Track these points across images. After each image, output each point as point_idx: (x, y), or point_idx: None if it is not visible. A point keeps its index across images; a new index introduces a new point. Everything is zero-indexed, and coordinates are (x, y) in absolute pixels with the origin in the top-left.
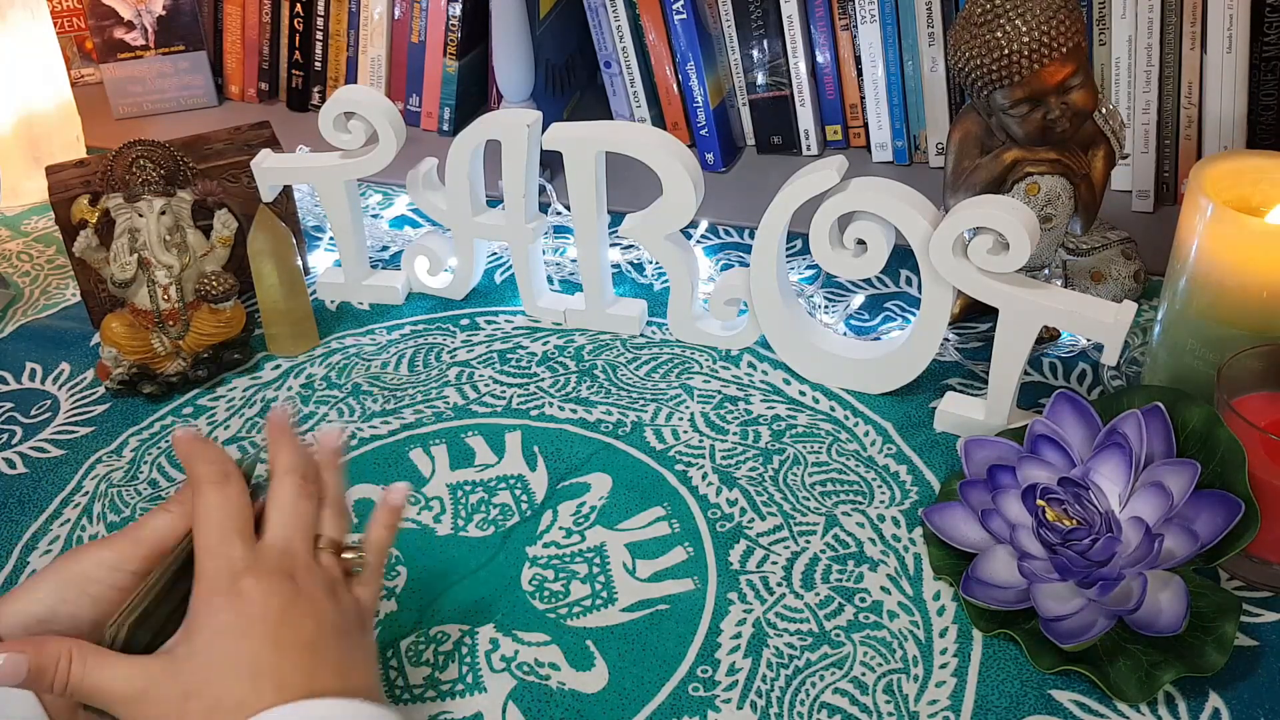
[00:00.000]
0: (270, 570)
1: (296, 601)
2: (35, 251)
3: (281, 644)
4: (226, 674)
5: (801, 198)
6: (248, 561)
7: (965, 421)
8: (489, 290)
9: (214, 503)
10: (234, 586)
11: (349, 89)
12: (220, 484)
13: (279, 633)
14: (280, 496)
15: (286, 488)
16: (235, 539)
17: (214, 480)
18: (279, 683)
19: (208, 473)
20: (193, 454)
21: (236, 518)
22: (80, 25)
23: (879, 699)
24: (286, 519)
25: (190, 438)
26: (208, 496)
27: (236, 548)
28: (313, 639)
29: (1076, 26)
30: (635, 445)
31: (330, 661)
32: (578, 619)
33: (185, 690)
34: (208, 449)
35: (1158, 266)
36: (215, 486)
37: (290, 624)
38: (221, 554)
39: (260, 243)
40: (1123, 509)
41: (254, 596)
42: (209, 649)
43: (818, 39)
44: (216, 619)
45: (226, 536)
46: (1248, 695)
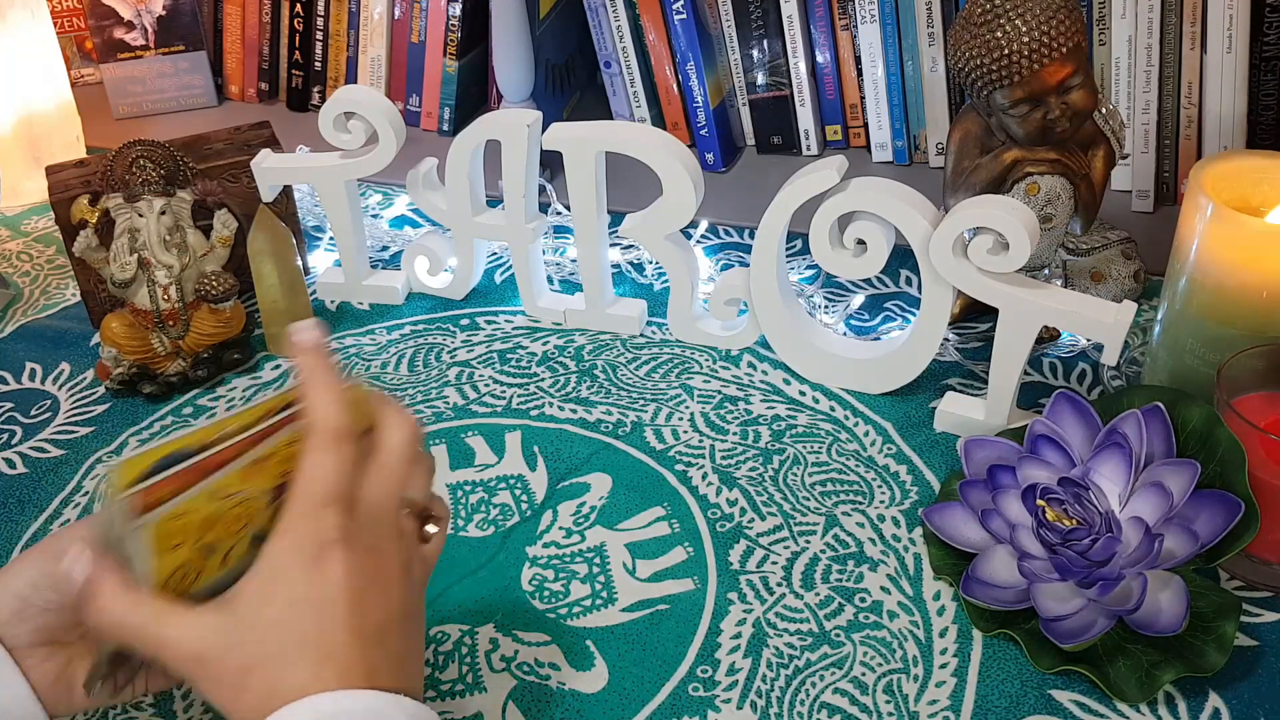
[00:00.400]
0: (358, 543)
1: (376, 581)
2: (35, 251)
3: (354, 628)
4: (294, 654)
5: (801, 198)
6: (340, 532)
7: (965, 421)
8: (489, 290)
9: (326, 462)
10: (320, 556)
11: (349, 89)
12: (338, 442)
13: (352, 616)
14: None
15: (398, 442)
16: (336, 506)
17: (332, 436)
18: (343, 669)
19: (326, 424)
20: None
21: (343, 484)
22: (80, 25)
23: (879, 699)
24: (387, 481)
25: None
26: (323, 452)
27: (334, 516)
28: (382, 626)
29: (1076, 26)
30: (635, 445)
31: (392, 652)
32: (578, 619)
33: (247, 664)
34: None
35: (1158, 266)
36: (333, 444)
37: (365, 607)
38: (317, 517)
39: (260, 243)
40: (1123, 509)
41: (337, 573)
42: (280, 622)
43: (818, 39)
44: (295, 589)
45: (329, 501)
46: (1248, 695)
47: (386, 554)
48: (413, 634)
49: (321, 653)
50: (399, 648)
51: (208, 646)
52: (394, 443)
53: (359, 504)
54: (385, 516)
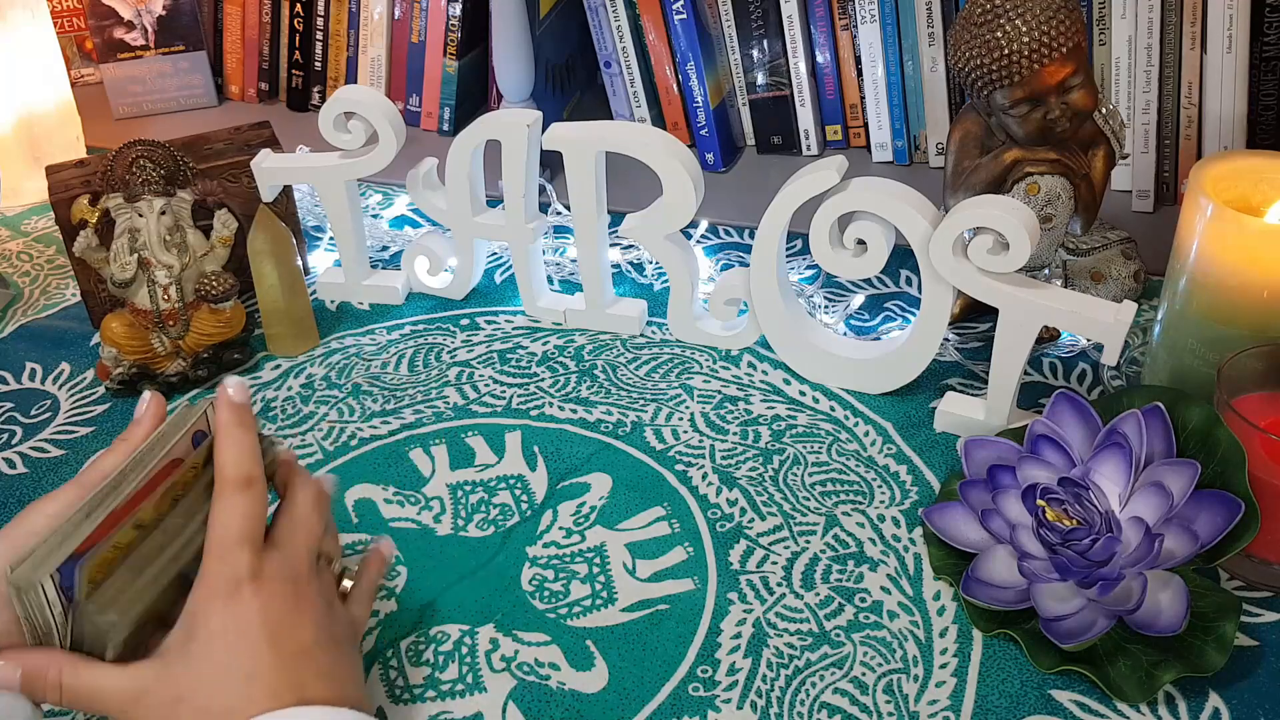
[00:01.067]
0: (274, 576)
1: (297, 607)
2: (35, 251)
3: (278, 649)
4: (220, 678)
5: (801, 198)
6: (253, 570)
7: (965, 421)
8: (489, 290)
9: (235, 506)
10: (236, 592)
11: (349, 89)
12: (244, 488)
13: (276, 638)
14: (296, 504)
15: (304, 498)
16: (246, 546)
17: (238, 484)
18: (271, 689)
19: (235, 473)
20: (226, 442)
21: (252, 525)
22: (80, 25)
23: (879, 699)
24: (298, 528)
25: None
26: (230, 498)
27: (245, 555)
28: (309, 645)
29: (1076, 26)
30: (635, 445)
31: (323, 670)
32: (578, 619)
33: (177, 694)
34: (242, 441)
35: (1158, 266)
36: (239, 490)
37: (288, 629)
38: (229, 559)
39: (260, 243)
40: (1123, 509)
41: (254, 602)
42: (204, 652)
43: (818, 39)
44: (213, 622)
45: (239, 543)
46: (1248, 695)
47: (302, 585)
48: (347, 655)
49: (248, 675)
50: (331, 666)
51: (140, 686)
52: (301, 495)
53: (271, 545)
54: (298, 555)
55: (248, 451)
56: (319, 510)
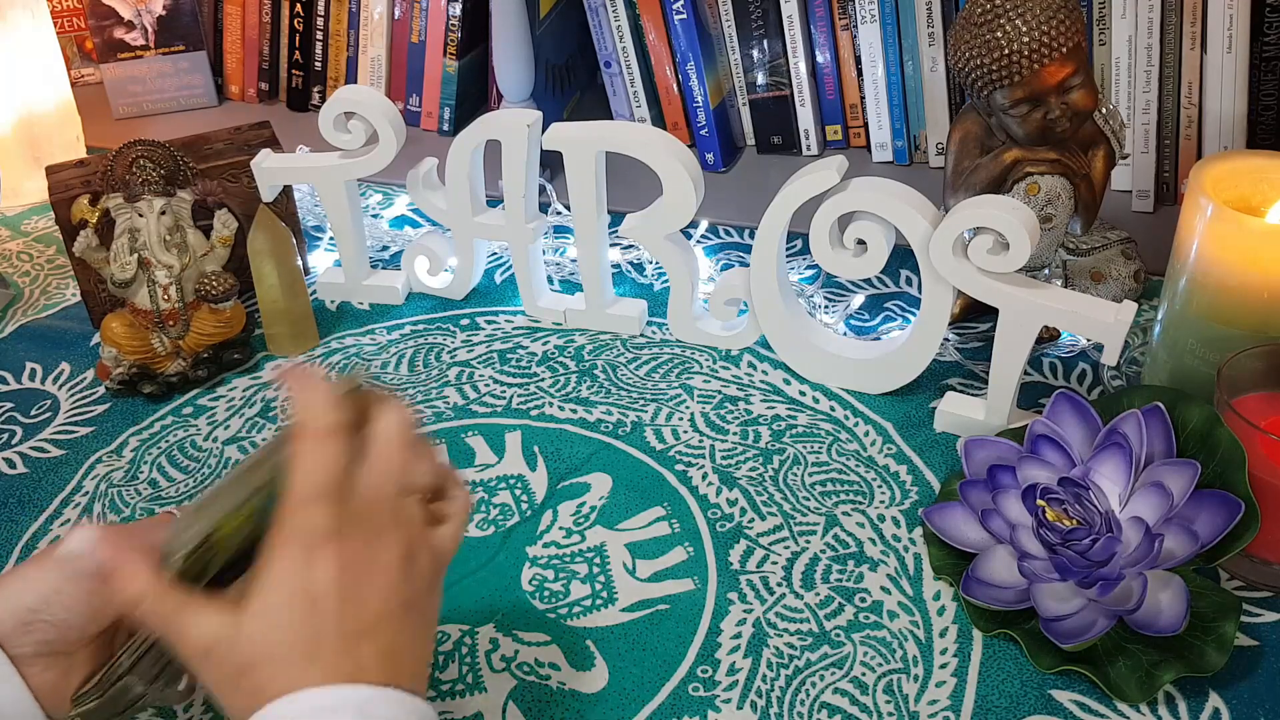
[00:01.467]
0: (351, 535)
1: (370, 573)
2: (35, 251)
3: (343, 624)
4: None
5: (801, 198)
6: (331, 527)
7: (965, 421)
8: (489, 290)
9: (315, 457)
10: (311, 552)
11: (349, 89)
12: (322, 437)
13: (344, 611)
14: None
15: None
16: (325, 500)
17: (318, 431)
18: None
19: (315, 421)
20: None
21: (332, 477)
22: (80, 25)
23: (879, 699)
24: (379, 469)
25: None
26: (310, 448)
27: (322, 510)
28: (375, 620)
29: (1076, 26)
30: (635, 445)
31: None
32: (578, 619)
33: (243, 663)
34: (317, 393)
35: (1158, 266)
36: (317, 438)
37: (356, 601)
38: (306, 512)
39: (260, 243)
40: (1123, 509)
41: (328, 568)
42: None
43: (818, 39)
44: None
45: (318, 497)
46: (1248, 695)
47: (383, 544)
48: (413, 625)
49: (308, 653)
50: (392, 642)
51: (216, 642)
52: (386, 431)
53: (351, 496)
54: (381, 505)
55: (325, 400)
56: (405, 442)
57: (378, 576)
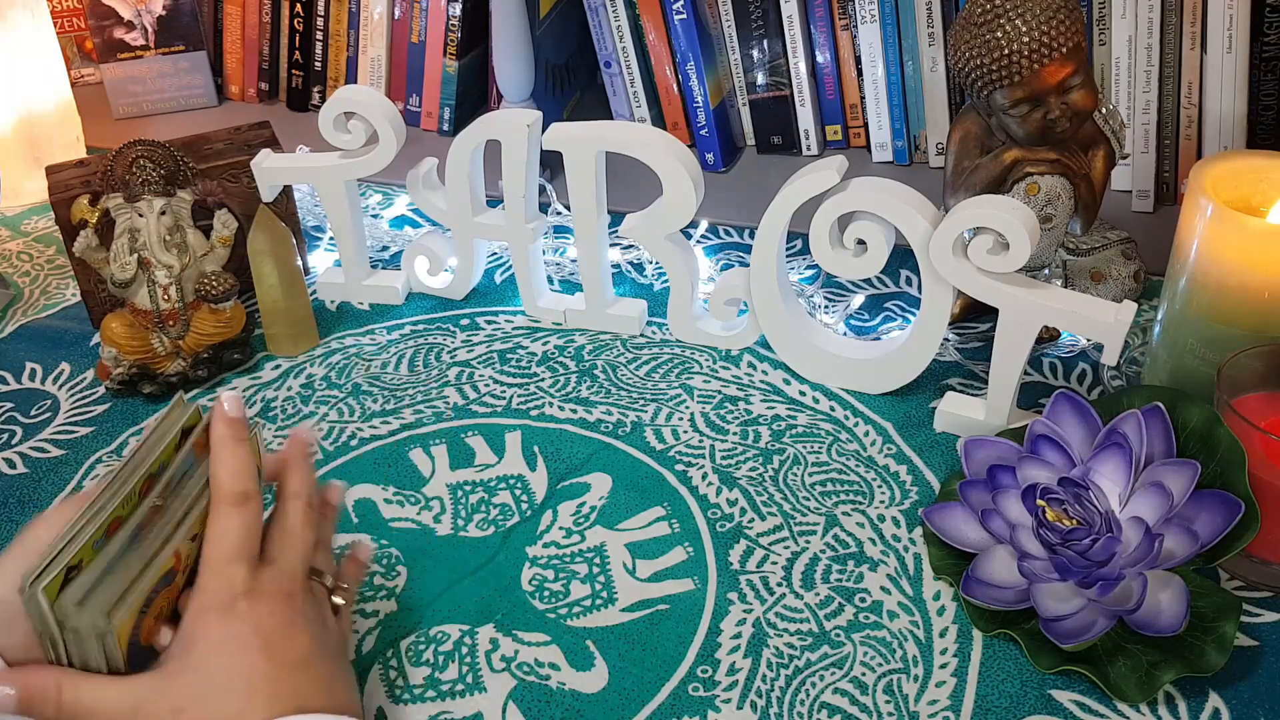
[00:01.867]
0: (269, 591)
1: (293, 620)
2: (35, 251)
3: (276, 659)
4: (220, 688)
5: (801, 198)
6: (249, 584)
7: (965, 421)
8: (489, 290)
9: (231, 523)
10: (231, 607)
11: (349, 89)
12: (240, 505)
13: (274, 648)
14: (287, 519)
15: (294, 512)
16: (241, 561)
17: (234, 500)
18: (271, 696)
19: (230, 490)
20: (222, 458)
21: (247, 541)
22: (80, 25)
23: (879, 699)
24: (291, 543)
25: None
26: (226, 515)
27: (241, 570)
28: (306, 656)
29: (1076, 26)
30: (635, 445)
31: (321, 679)
32: (578, 619)
33: (175, 705)
34: (236, 458)
35: (1158, 266)
36: (235, 507)
37: (285, 641)
38: (225, 574)
39: (260, 243)
40: (1123, 509)
41: (250, 616)
42: (204, 663)
43: (818, 39)
44: (211, 635)
45: (234, 558)
46: (1248, 695)
47: (296, 600)
48: (342, 667)
49: (248, 684)
50: (329, 675)
51: (138, 698)
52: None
53: (265, 561)
54: (292, 570)
55: (243, 467)
56: (310, 525)
57: (298, 625)
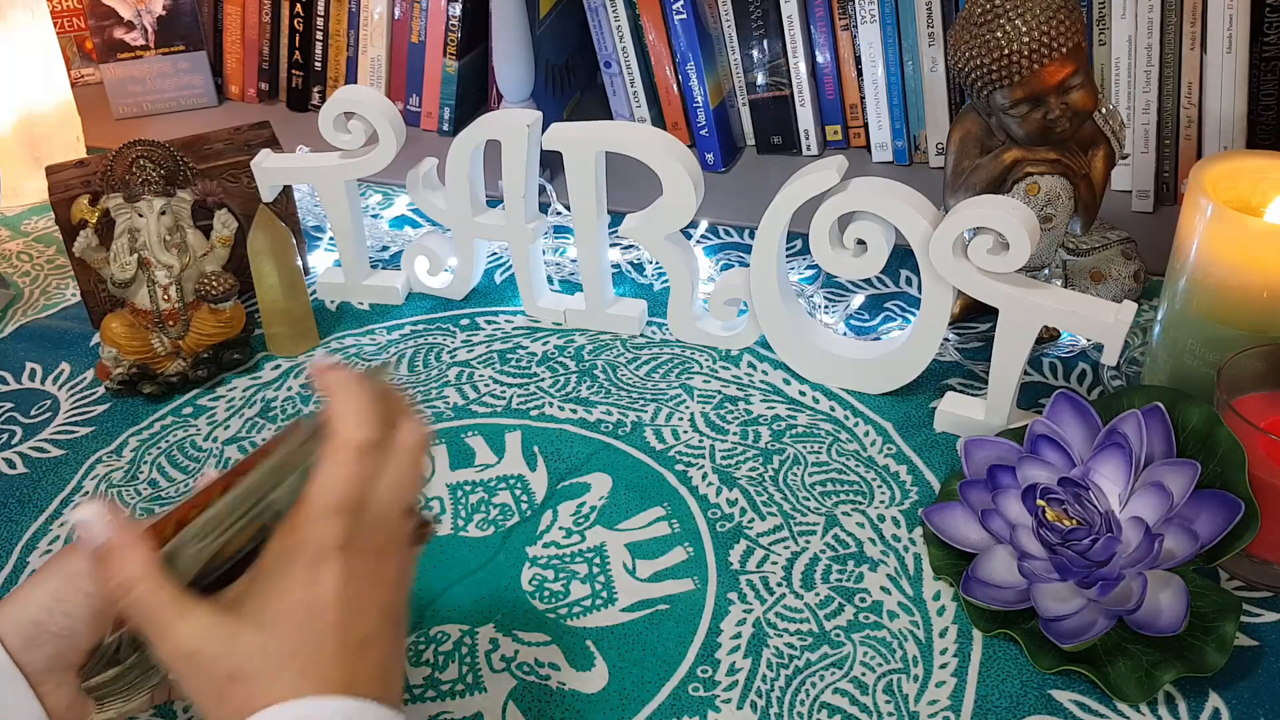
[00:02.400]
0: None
1: (372, 587)
2: (35, 251)
3: (343, 637)
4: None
5: (801, 198)
6: (344, 539)
7: (965, 421)
8: (489, 290)
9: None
10: (321, 562)
11: (349, 89)
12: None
13: (345, 624)
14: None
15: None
16: (345, 514)
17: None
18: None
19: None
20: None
21: (357, 493)
22: (80, 25)
23: (879, 699)
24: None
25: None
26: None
27: (341, 523)
28: (372, 633)
29: (1076, 26)
30: (635, 445)
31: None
32: (578, 619)
33: (232, 672)
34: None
35: (1158, 266)
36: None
37: (356, 614)
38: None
39: (260, 243)
40: (1123, 509)
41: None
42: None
43: (818, 39)
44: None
45: (339, 509)
46: (1248, 695)
47: (387, 559)
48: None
49: (304, 665)
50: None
51: (203, 646)
52: (406, 451)
53: (367, 510)
54: (392, 523)
55: (365, 414)
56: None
57: (379, 591)
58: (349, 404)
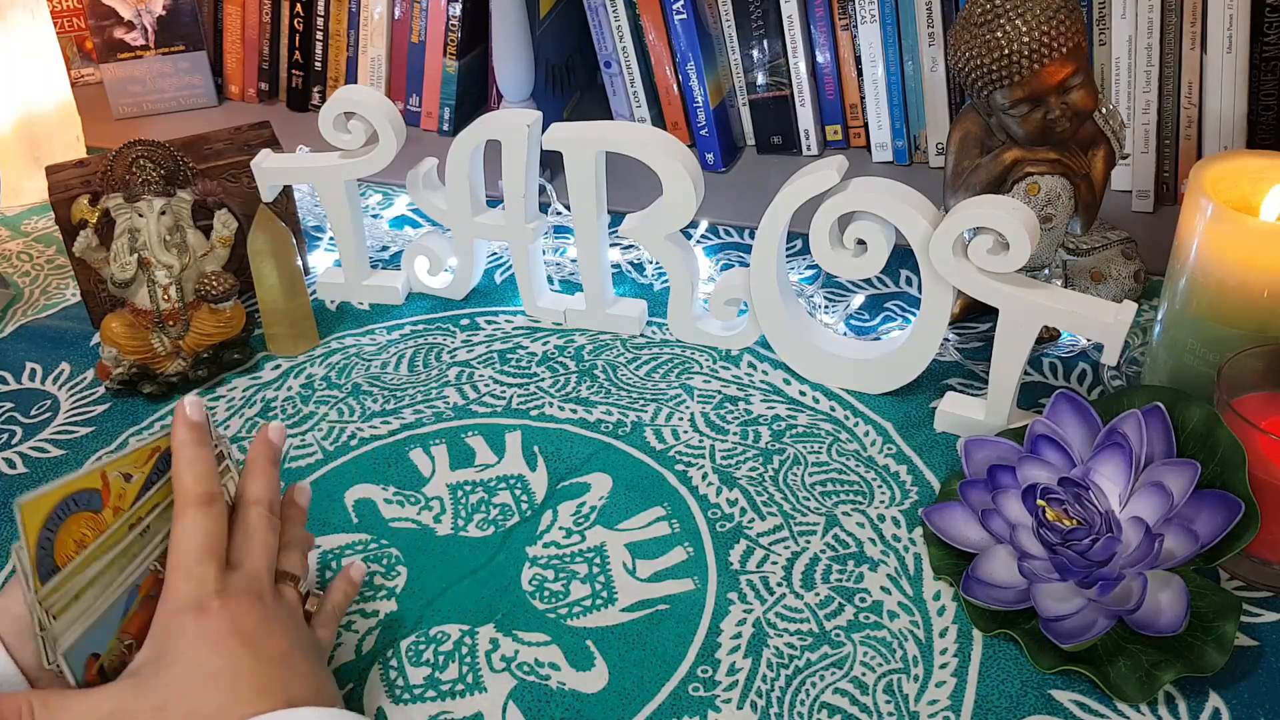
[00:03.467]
0: (240, 591)
1: (267, 619)
2: (35, 251)
3: (256, 654)
4: (202, 682)
5: (801, 198)
6: (219, 584)
7: (965, 421)
8: (489, 290)
9: (196, 524)
10: (204, 607)
11: (349, 89)
12: (205, 505)
13: (252, 644)
14: (249, 524)
15: (254, 517)
16: (210, 562)
17: (199, 501)
18: (257, 688)
19: (195, 490)
20: (184, 460)
21: (214, 542)
22: (80, 25)
23: (879, 699)
24: (255, 546)
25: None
26: (191, 517)
27: (210, 571)
28: (286, 652)
29: (1076, 26)
30: (635, 445)
31: (305, 674)
32: (578, 619)
33: (155, 704)
34: (199, 460)
35: (1158, 266)
36: (200, 508)
37: (264, 637)
38: (194, 575)
39: (260, 243)
40: (1123, 509)
41: (224, 615)
42: (182, 660)
43: (818, 39)
44: (188, 633)
45: (202, 559)
46: (1248, 695)
47: (267, 601)
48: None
49: (232, 678)
50: (308, 670)
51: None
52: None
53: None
54: (258, 571)
55: (206, 469)
56: (271, 529)
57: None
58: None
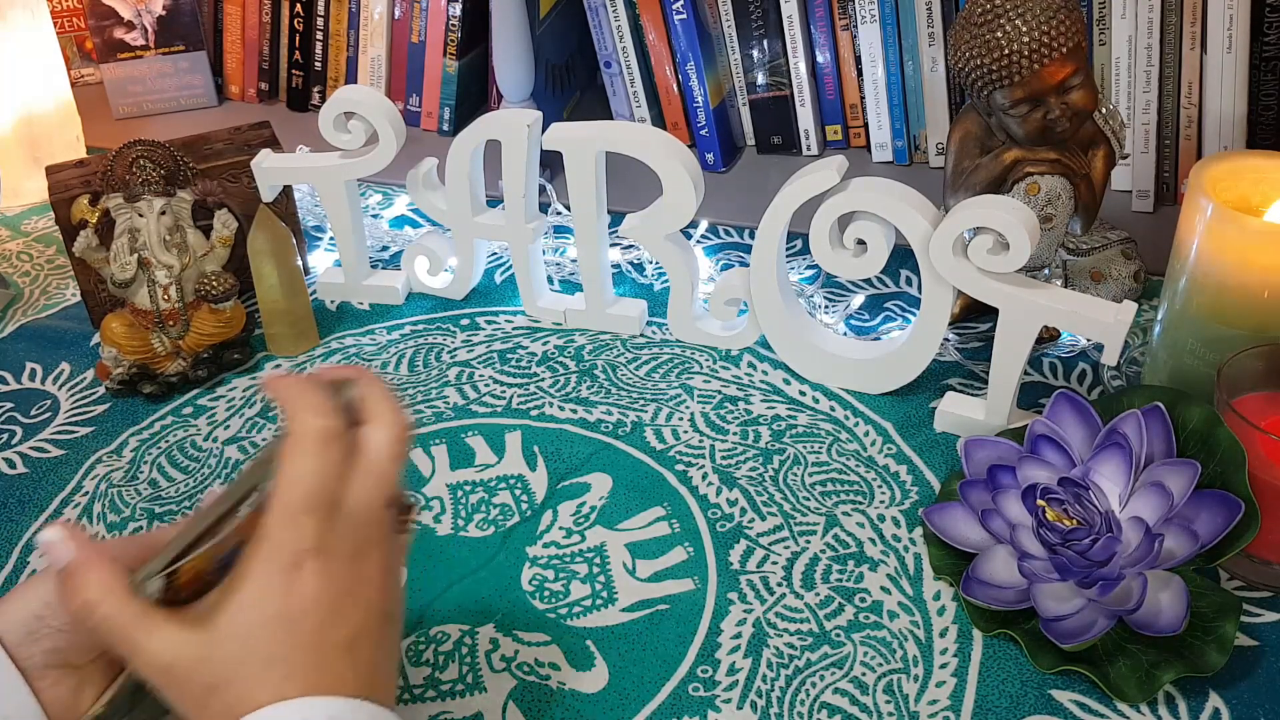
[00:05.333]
0: (338, 551)
1: (353, 589)
2: (35, 251)
3: (326, 640)
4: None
5: (801, 198)
6: (320, 541)
7: (965, 421)
8: (489, 290)
9: (310, 467)
10: (296, 568)
11: (349, 89)
12: (321, 445)
13: (323, 629)
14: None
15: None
16: (315, 513)
17: (317, 439)
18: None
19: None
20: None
21: (324, 489)
22: (80, 25)
23: (879, 699)
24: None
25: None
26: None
27: (314, 523)
28: (355, 635)
29: (1076, 26)
30: (635, 445)
31: (362, 661)
32: (578, 619)
33: (212, 682)
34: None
35: (1158, 266)
36: (313, 447)
37: (338, 618)
38: (296, 525)
39: (260, 243)
40: (1123, 509)
41: (311, 585)
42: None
43: (818, 39)
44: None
45: (310, 508)
46: (1248, 695)
47: (368, 559)
48: (389, 637)
49: (287, 667)
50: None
51: (178, 659)
52: (382, 442)
53: (341, 509)
54: (370, 520)
55: (317, 404)
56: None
57: (360, 591)
58: (302, 400)
